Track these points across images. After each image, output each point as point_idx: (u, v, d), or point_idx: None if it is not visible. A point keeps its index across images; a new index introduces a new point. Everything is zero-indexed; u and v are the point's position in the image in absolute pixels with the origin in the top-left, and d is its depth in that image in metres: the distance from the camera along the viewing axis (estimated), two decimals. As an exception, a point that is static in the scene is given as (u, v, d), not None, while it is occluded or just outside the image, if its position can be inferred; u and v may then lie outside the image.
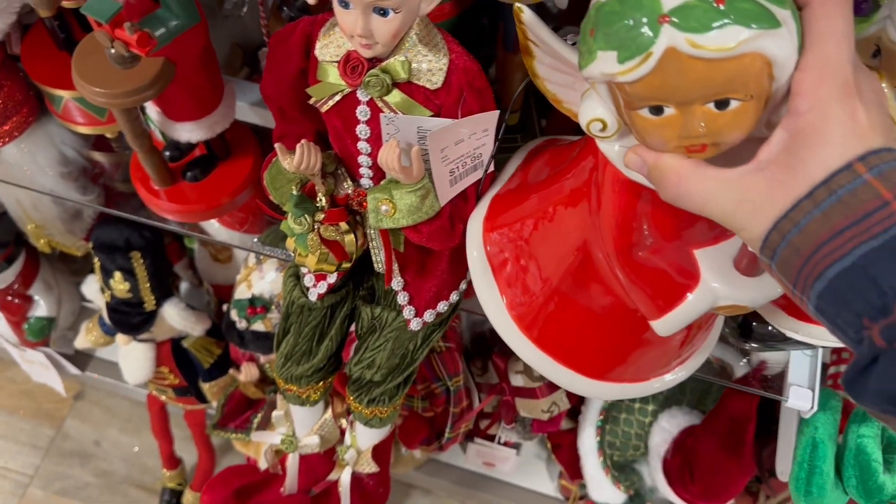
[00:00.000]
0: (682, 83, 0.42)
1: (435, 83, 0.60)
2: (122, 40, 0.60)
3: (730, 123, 0.44)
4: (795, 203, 0.41)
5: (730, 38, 0.40)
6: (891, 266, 0.38)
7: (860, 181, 0.39)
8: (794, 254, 0.41)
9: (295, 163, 0.64)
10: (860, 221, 0.39)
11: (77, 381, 1.63)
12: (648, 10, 0.41)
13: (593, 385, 0.69)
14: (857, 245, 0.38)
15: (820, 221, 0.40)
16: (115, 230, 1.06)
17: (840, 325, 0.41)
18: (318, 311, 0.79)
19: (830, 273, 0.39)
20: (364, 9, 0.55)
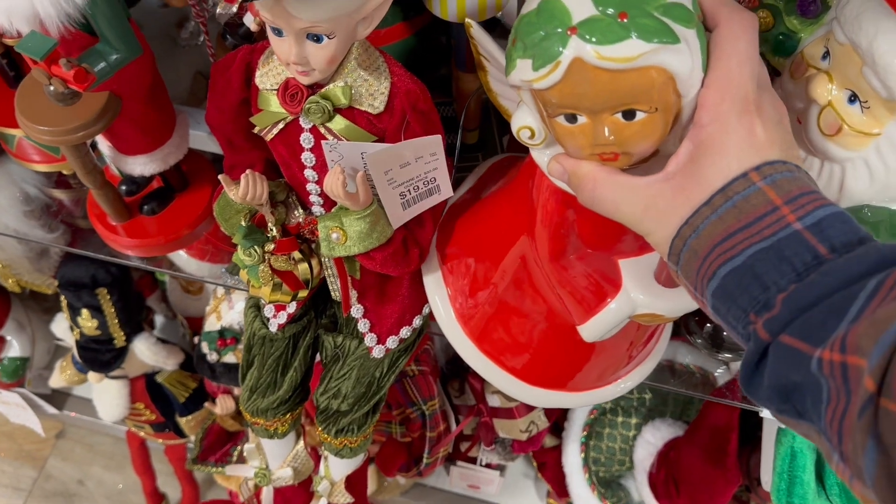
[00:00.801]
0: (590, 92, 0.45)
1: (377, 107, 0.59)
2: (59, 77, 0.59)
3: (637, 134, 0.47)
4: (696, 209, 0.44)
5: (630, 50, 0.43)
6: (775, 264, 0.40)
7: (754, 188, 0.42)
8: (693, 256, 0.43)
9: (240, 194, 0.63)
10: (752, 224, 0.41)
11: (58, 419, 1.61)
12: (559, 22, 0.44)
13: (538, 393, 0.71)
14: (748, 246, 0.41)
15: (716, 225, 0.42)
16: (80, 267, 1.05)
17: (731, 322, 0.43)
18: (279, 341, 0.77)
19: (722, 272, 0.42)
20: (297, 36, 0.54)
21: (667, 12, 0.44)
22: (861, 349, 0.34)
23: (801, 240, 0.40)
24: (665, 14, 0.44)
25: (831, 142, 0.54)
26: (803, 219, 0.41)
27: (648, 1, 0.44)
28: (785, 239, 0.40)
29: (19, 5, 0.57)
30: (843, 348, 0.35)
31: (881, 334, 0.33)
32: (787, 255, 0.40)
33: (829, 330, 0.37)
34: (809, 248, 0.40)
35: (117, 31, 0.61)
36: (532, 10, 0.47)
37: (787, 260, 0.40)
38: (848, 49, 0.52)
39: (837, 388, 0.36)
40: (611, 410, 1.13)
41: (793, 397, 0.39)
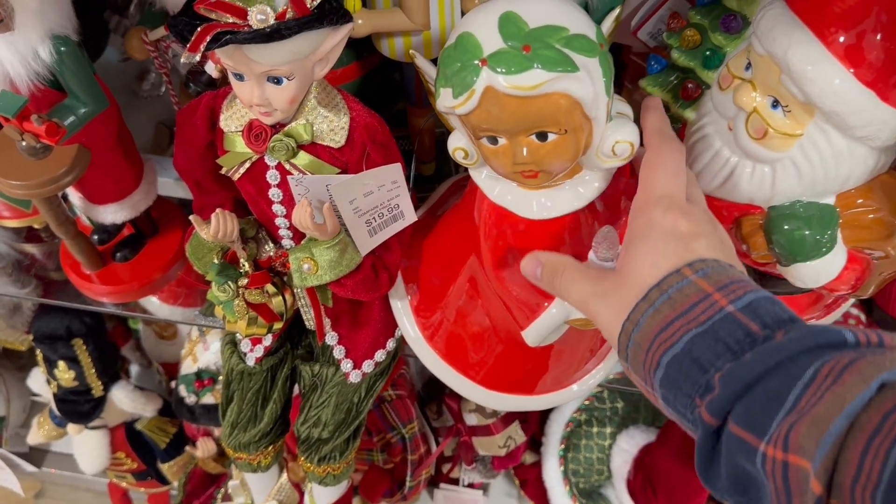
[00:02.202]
0: (503, 116, 0.51)
1: (338, 141, 0.63)
2: (31, 132, 0.61)
3: (551, 153, 0.53)
4: (635, 305, 0.46)
5: (534, 79, 0.48)
6: (711, 346, 0.41)
7: (686, 281, 0.44)
8: (638, 350, 0.45)
9: (211, 232, 0.65)
10: (687, 312, 0.43)
11: (36, 479, 1.59)
12: (472, 55, 0.50)
13: (505, 399, 0.74)
14: (685, 332, 0.42)
15: (654, 317, 0.44)
16: (54, 320, 1.06)
17: (680, 410, 0.43)
18: (258, 375, 0.79)
19: (664, 360, 0.43)
20: (258, 79, 0.57)
21: (568, 44, 0.49)
22: (803, 449, 0.34)
23: (733, 320, 0.41)
24: (566, 46, 0.49)
25: (759, 145, 0.59)
26: (734, 302, 0.42)
27: (551, 34, 0.49)
28: (719, 322, 0.41)
29: (-11, 67, 0.60)
30: (786, 446, 0.35)
31: (822, 435, 0.33)
32: (722, 335, 0.41)
33: (770, 418, 0.37)
34: (742, 326, 0.41)
35: (84, 86, 0.64)
36: (451, 44, 0.53)
37: (722, 340, 0.41)
38: (766, 59, 0.56)
39: (777, 489, 0.36)
40: (585, 422, 1.16)
41: (749, 490, 0.39)
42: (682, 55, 0.66)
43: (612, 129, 0.54)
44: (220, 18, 0.54)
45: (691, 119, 0.66)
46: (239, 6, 0.54)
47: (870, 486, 0.31)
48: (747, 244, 0.64)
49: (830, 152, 0.57)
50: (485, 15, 0.51)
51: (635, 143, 0.55)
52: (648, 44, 0.74)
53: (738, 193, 0.63)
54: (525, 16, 0.49)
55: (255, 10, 0.54)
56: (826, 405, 0.34)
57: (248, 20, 0.54)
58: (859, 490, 0.32)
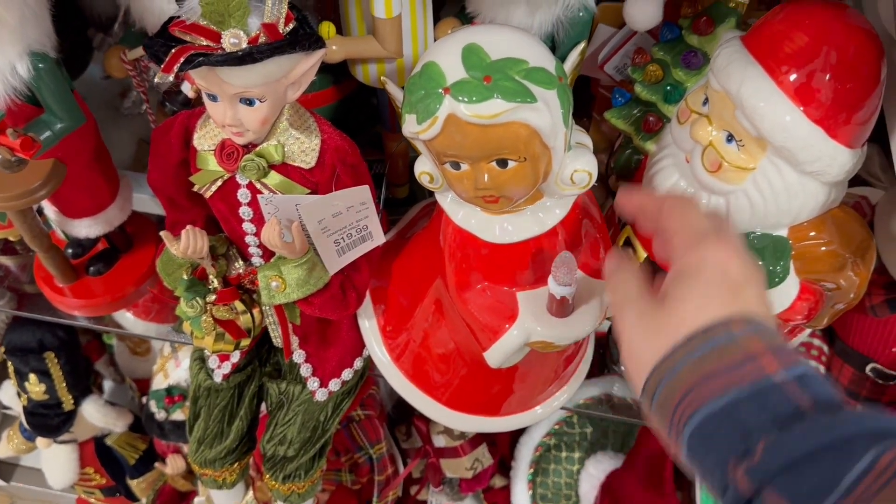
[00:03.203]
0: (464, 143, 0.53)
1: (309, 163, 0.64)
2: (5, 146, 0.62)
3: (510, 180, 0.54)
4: (672, 349, 0.42)
5: (493, 108, 0.50)
6: (756, 412, 0.39)
7: (733, 337, 0.41)
8: (670, 395, 0.42)
9: (181, 248, 0.66)
10: (731, 370, 0.40)
11: (4, 492, 1.57)
12: (435, 83, 0.52)
13: (470, 420, 0.76)
14: (728, 391, 0.39)
15: (694, 367, 0.41)
16: (27, 332, 1.06)
17: (709, 467, 0.40)
18: (225, 391, 0.80)
19: (701, 414, 0.40)
20: (230, 100, 0.59)
21: (527, 76, 0.52)
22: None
23: (782, 392, 0.39)
24: (526, 77, 0.51)
25: (714, 177, 0.61)
26: (784, 372, 0.40)
27: (511, 66, 0.51)
28: (766, 389, 0.39)
29: (-33, 81, 0.61)
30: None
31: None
32: (769, 404, 0.39)
33: (821, 497, 0.35)
34: (790, 400, 0.39)
35: (61, 102, 0.66)
36: (417, 72, 0.55)
37: (769, 409, 0.38)
38: (722, 95, 0.59)
39: None
40: (554, 446, 1.16)
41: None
42: (644, 89, 0.69)
43: (571, 158, 0.56)
44: (195, 41, 0.56)
45: (652, 151, 0.68)
46: (212, 30, 0.56)
47: None
48: (704, 273, 0.65)
49: (782, 186, 0.60)
50: (449, 45, 0.53)
51: (593, 172, 0.57)
52: (615, 77, 0.76)
53: (694, 224, 0.65)
54: (487, 48, 0.51)
55: (228, 34, 0.56)
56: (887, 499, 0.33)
57: (222, 43, 0.56)
58: None
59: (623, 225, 0.72)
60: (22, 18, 0.60)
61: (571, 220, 0.61)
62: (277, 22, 0.57)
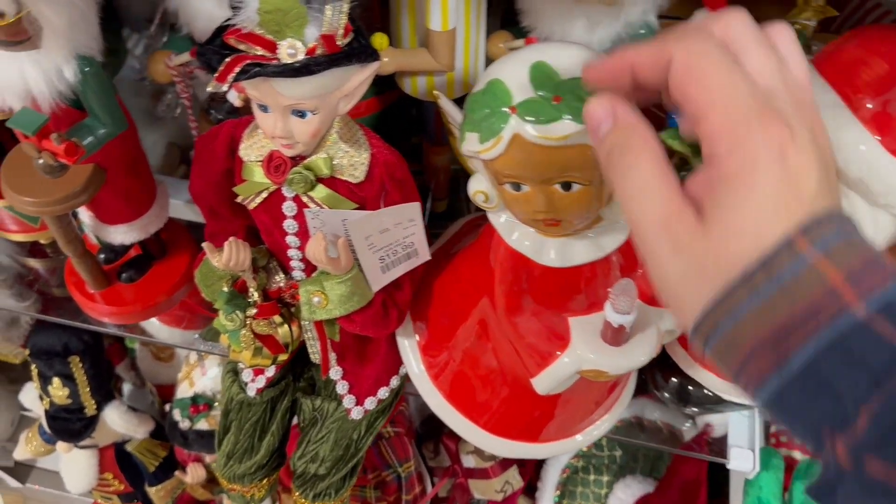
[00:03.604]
0: (528, 165, 0.50)
1: (357, 177, 0.62)
2: (49, 151, 0.61)
3: (573, 203, 0.52)
4: (730, 289, 0.34)
5: (562, 130, 0.48)
6: (847, 368, 0.32)
7: (804, 264, 0.33)
8: (732, 349, 0.35)
9: (223, 260, 0.65)
10: (808, 316, 0.33)
11: (18, 493, 1.56)
12: (501, 102, 0.49)
13: (507, 445, 0.73)
14: (805, 343, 0.33)
15: (761, 315, 0.33)
16: (52, 336, 1.05)
17: (798, 431, 0.35)
18: (257, 406, 0.78)
19: (776, 381, 0.33)
20: (283, 111, 0.57)
21: None
22: None
23: (870, 333, 0.32)
24: None
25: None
26: (870, 302, 0.32)
27: (581, 86, 0.49)
28: (851, 333, 0.32)
29: (13, 83, 0.60)
30: None
31: None
32: (859, 354, 0.32)
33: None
34: (884, 343, 0.32)
35: (106, 107, 0.64)
36: (480, 90, 0.53)
37: (861, 362, 0.32)
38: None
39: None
40: (582, 469, 1.14)
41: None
42: (704, 110, 0.67)
43: None
44: (250, 50, 0.54)
45: (712, 174, 0.66)
46: (269, 39, 0.54)
47: None
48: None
49: (853, 218, 0.57)
50: (515, 63, 0.51)
51: None
52: (669, 96, 0.74)
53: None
54: (556, 66, 0.49)
55: (285, 45, 0.54)
56: None
57: (278, 54, 0.54)
58: None
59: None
60: (71, 21, 0.58)
61: (630, 245, 0.59)
62: (336, 33, 0.55)
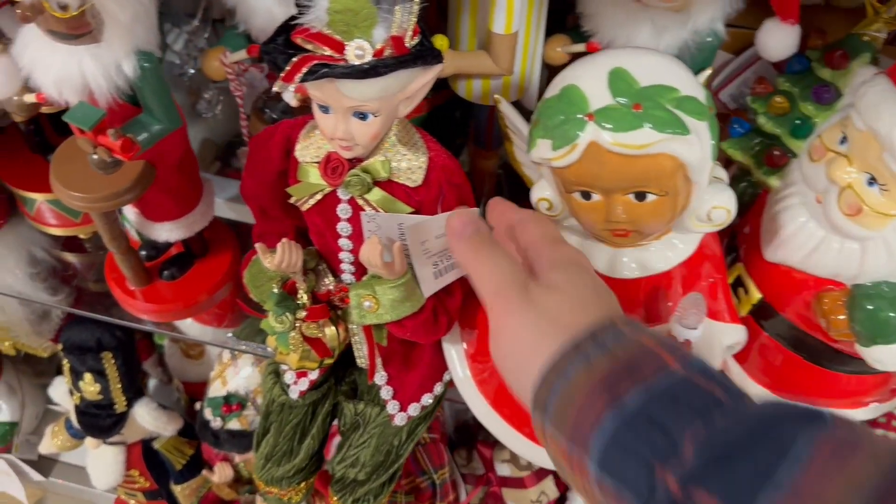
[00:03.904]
0: (603, 173, 0.49)
1: (415, 181, 0.61)
2: (105, 146, 0.60)
3: (647, 214, 0.51)
4: (562, 354, 0.39)
5: (643, 138, 0.47)
6: (673, 408, 0.35)
7: (622, 334, 0.38)
8: (568, 405, 0.38)
9: (276, 261, 0.64)
10: (633, 370, 0.37)
11: (38, 487, 1.56)
12: (578, 108, 0.49)
13: (539, 450, 0.69)
14: (635, 395, 0.36)
15: (590, 370, 0.37)
16: (85, 331, 1.04)
17: (630, 479, 0.36)
18: (299, 408, 0.77)
19: (610, 419, 0.36)
20: (344, 113, 0.56)
21: (679, 105, 0.48)
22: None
23: (692, 385, 0.36)
24: (678, 106, 0.48)
25: (852, 221, 0.57)
26: (686, 366, 0.37)
27: (662, 94, 0.48)
28: (675, 385, 0.36)
29: (71, 77, 0.59)
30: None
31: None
32: (684, 399, 0.35)
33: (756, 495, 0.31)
34: (704, 392, 0.36)
35: (162, 104, 0.63)
36: (554, 96, 0.51)
37: (686, 404, 0.35)
38: (867, 135, 0.55)
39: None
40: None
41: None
42: (769, 121, 0.66)
43: (710, 194, 0.53)
44: (317, 50, 0.53)
45: (775, 187, 0.65)
46: (337, 40, 0.53)
47: None
48: (827, 321, 0.62)
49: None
50: (592, 69, 0.50)
51: (732, 210, 0.53)
52: (728, 105, 0.73)
53: (822, 268, 0.61)
54: (635, 73, 0.48)
55: (353, 45, 0.53)
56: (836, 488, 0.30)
57: (345, 54, 0.53)
58: None
59: (733, 260, 0.69)
60: (135, 16, 0.57)
61: (696, 258, 0.58)
62: (405, 34, 0.54)
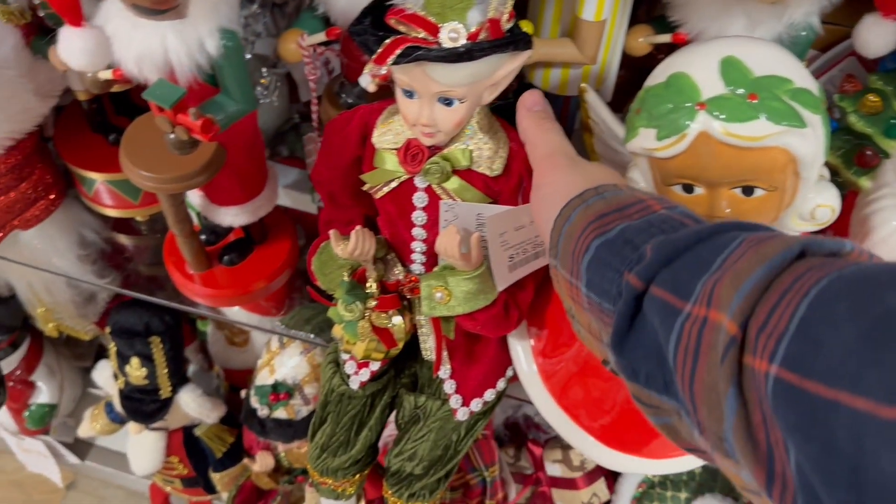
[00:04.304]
0: (712, 165, 0.48)
1: (495, 170, 0.60)
2: (184, 126, 0.59)
3: (753, 210, 0.49)
4: (567, 202, 0.46)
5: (758, 130, 0.45)
6: (646, 230, 0.41)
7: (620, 190, 0.45)
8: (568, 240, 0.45)
9: (349, 249, 0.63)
10: (622, 210, 0.43)
11: (70, 469, 1.56)
12: (688, 97, 0.47)
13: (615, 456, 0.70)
14: (619, 224, 0.42)
15: (586, 210, 0.44)
16: (134, 315, 1.03)
17: (604, 289, 0.42)
18: (358, 399, 0.76)
19: (595, 244, 0.42)
20: (430, 98, 0.55)
21: (795, 97, 0.46)
22: (721, 302, 0.33)
23: (669, 218, 0.41)
24: (793, 98, 0.46)
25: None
26: (670, 209, 0.42)
27: (778, 85, 0.46)
28: (654, 218, 0.42)
29: (153, 54, 0.58)
30: (709, 303, 0.34)
31: (740, 283, 0.32)
32: (657, 225, 0.41)
33: (696, 280, 0.36)
34: (676, 221, 0.41)
35: (240, 84, 0.62)
36: (660, 83, 0.49)
37: (658, 227, 0.41)
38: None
39: (687, 346, 0.35)
40: (660, 484, 1.11)
41: (664, 362, 0.37)
42: (860, 120, 0.64)
43: (815, 192, 0.51)
44: (410, 32, 0.52)
45: (866, 188, 0.63)
46: (431, 21, 0.52)
47: (775, 335, 0.30)
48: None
49: None
50: (702, 57, 0.48)
51: (836, 208, 0.51)
52: (813, 104, 0.71)
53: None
54: (749, 62, 0.46)
55: (447, 28, 0.52)
56: (748, 260, 0.33)
57: (439, 37, 0.52)
58: (763, 338, 0.30)
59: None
60: (220, -7, 0.56)
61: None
62: (502, 18, 0.52)
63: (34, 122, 0.79)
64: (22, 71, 0.74)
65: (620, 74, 0.74)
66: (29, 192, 0.85)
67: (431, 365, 0.73)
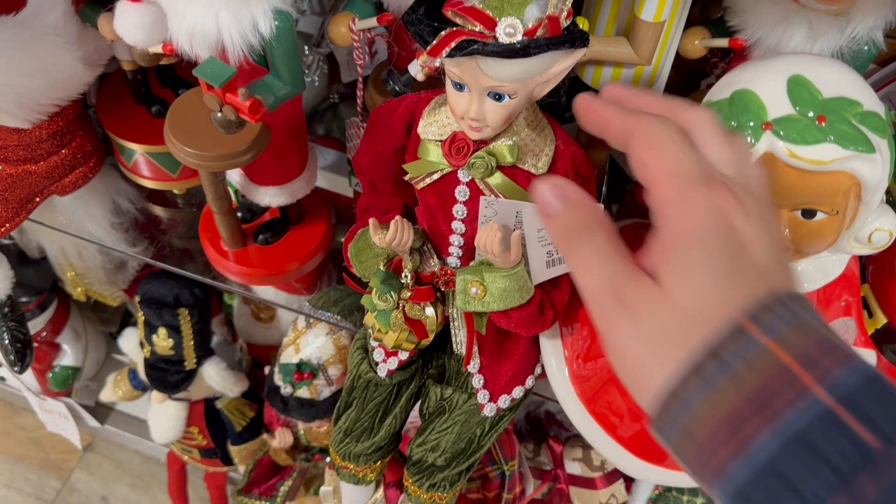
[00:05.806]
0: (775, 187, 0.46)
1: (540, 168, 0.59)
2: (233, 105, 0.59)
3: (813, 233, 0.48)
4: (682, 377, 0.33)
5: (826, 154, 0.44)
6: (809, 464, 0.29)
7: (755, 346, 0.31)
8: (688, 441, 0.33)
9: (388, 238, 0.62)
10: (762, 402, 0.31)
11: (88, 431, 1.58)
12: (754, 116, 0.46)
13: (643, 466, 0.70)
14: (764, 434, 0.30)
15: (712, 402, 0.32)
16: (164, 286, 1.04)
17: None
18: (384, 387, 0.76)
19: (738, 475, 0.31)
20: (480, 92, 0.54)
21: (863, 120, 0.45)
22: None
23: (834, 422, 0.29)
24: (862, 122, 0.45)
25: None
26: (829, 387, 0.30)
27: (847, 107, 0.45)
28: (813, 423, 0.30)
29: (206, 31, 0.58)
30: None
31: None
32: (822, 449, 0.29)
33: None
34: (848, 434, 0.29)
35: (290, 66, 0.62)
36: (724, 99, 0.48)
37: (824, 457, 0.29)
38: None
39: None
40: (676, 488, 1.10)
41: None
42: (917, 139, 0.62)
43: (875, 216, 0.50)
44: (466, 25, 0.51)
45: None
46: (489, 15, 0.51)
47: None
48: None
49: None
50: (769, 74, 0.47)
51: (895, 233, 0.50)
52: (866, 118, 0.70)
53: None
54: (817, 82, 0.45)
55: (504, 22, 0.51)
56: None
57: (495, 31, 0.51)
58: None
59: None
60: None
61: (839, 281, 0.55)
62: (561, 15, 0.51)
63: (79, 90, 0.79)
64: (70, 38, 0.74)
65: (669, 76, 0.72)
66: (69, 159, 0.85)
67: (460, 358, 0.73)
